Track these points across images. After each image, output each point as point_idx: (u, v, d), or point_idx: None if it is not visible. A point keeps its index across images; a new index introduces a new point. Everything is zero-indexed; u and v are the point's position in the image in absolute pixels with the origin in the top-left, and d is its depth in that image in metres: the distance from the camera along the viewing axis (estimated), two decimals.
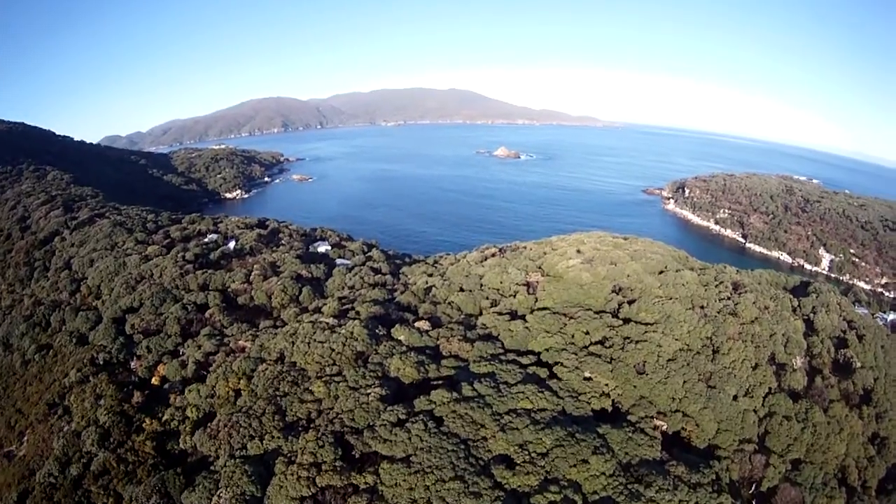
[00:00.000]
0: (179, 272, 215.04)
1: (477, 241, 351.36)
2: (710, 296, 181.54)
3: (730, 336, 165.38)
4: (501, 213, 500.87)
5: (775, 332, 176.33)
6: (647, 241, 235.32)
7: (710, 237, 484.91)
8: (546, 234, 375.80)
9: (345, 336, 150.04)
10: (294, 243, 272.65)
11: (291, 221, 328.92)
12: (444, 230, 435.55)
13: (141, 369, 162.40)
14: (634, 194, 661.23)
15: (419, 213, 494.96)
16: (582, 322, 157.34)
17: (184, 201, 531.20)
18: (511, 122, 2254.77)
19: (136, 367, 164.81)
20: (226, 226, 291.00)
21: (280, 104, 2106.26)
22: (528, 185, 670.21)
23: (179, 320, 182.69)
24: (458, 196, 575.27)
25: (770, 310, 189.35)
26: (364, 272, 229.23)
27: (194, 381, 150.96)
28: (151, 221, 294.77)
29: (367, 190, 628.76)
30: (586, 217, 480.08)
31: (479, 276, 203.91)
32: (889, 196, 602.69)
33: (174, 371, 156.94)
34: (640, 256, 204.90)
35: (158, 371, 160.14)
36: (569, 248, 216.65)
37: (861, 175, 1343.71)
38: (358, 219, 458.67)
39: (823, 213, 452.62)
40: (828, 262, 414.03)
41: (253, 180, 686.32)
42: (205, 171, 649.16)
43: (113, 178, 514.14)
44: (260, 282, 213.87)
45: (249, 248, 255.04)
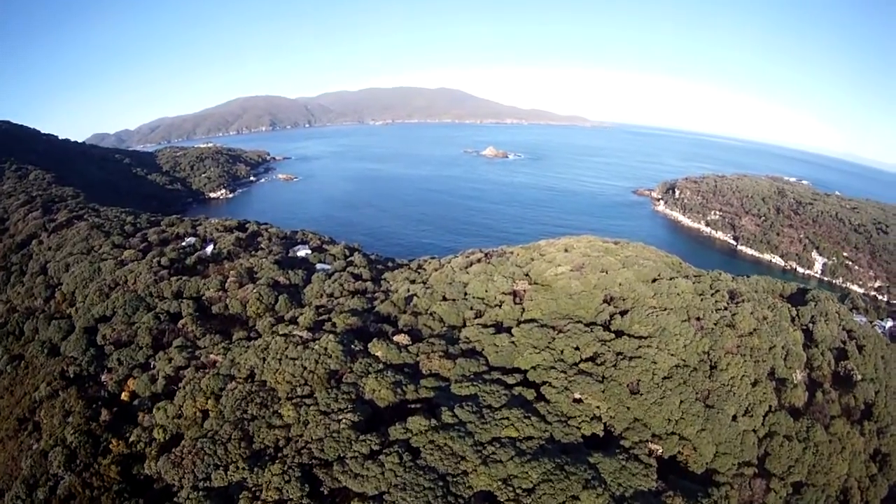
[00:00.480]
0: (154, 279, 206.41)
1: (463, 245, 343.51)
2: (707, 306, 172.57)
3: (728, 350, 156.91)
4: (488, 214, 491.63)
5: (774, 345, 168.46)
6: (638, 246, 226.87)
7: (700, 239, 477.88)
8: (534, 238, 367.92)
9: (318, 352, 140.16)
10: (273, 247, 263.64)
11: (272, 224, 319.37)
12: (429, 233, 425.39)
13: (111, 383, 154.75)
14: (624, 195, 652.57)
15: (404, 214, 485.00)
16: (571, 336, 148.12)
17: (168, 201, 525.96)
18: (499, 122, 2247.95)
19: (106, 380, 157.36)
20: (204, 228, 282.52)
21: (268, 102, 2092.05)
22: (515, 185, 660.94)
23: (151, 331, 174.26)
24: (445, 197, 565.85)
25: (768, 320, 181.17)
26: (344, 278, 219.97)
27: (164, 396, 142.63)
28: (130, 224, 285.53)
29: (352, 190, 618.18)
30: (575, 219, 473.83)
31: (464, 283, 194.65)
32: (881, 198, 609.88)
33: (144, 386, 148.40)
34: (632, 263, 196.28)
35: (128, 386, 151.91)
36: (557, 254, 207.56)
37: (852, 177, 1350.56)
38: (342, 220, 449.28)
39: (816, 215, 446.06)
40: (821, 266, 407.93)
41: (238, 180, 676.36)
42: (189, 171, 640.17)
43: (97, 177, 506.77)
44: (235, 289, 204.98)
45: (227, 253, 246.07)
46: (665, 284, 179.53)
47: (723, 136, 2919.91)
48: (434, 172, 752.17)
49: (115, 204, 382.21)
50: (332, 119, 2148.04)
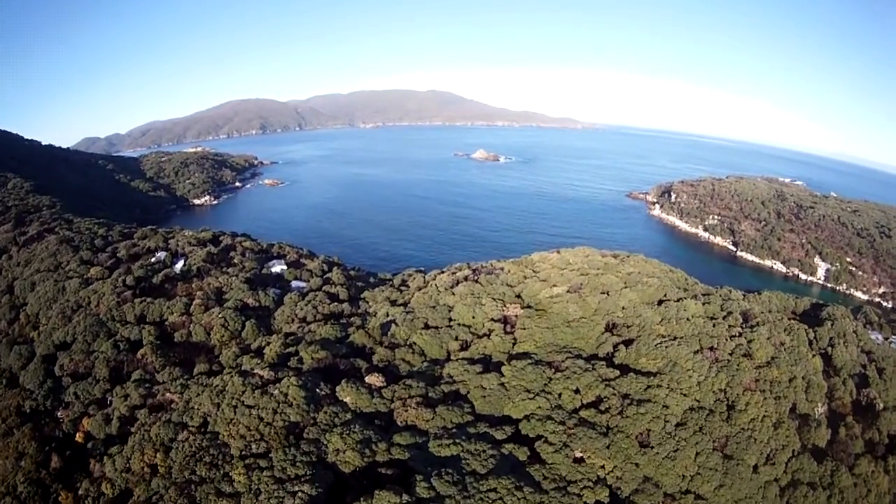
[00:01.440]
0: (116, 300, 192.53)
1: (450, 257, 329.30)
2: (720, 333, 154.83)
3: (746, 386, 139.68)
4: (478, 223, 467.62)
5: (795, 376, 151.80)
6: (639, 259, 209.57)
7: (698, 245, 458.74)
8: (526, 248, 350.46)
9: (277, 400, 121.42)
10: (246, 263, 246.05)
11: (250, 235, 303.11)
12: (415, 243, 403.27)
13: (67, 421, 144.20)
14: (617, 199, 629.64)
15: (390, 223, 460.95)
16: (571, 377, 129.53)
17: (150, 208, 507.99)
18: (490, 124, 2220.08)
19: (62, 417, 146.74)
20: (177, 242, 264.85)
21: (259, 106, 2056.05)
22: (506, 191, 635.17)
23: (109, 362, 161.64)
24: (433, 204, 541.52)
25: (786, 346, 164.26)
26: (319, 299, 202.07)
27: (118, 439, 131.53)
28: (101, 237, 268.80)
29: (337, 196, 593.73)
30: (569, 226, 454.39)
31: (449, 307, 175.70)
32: (877, 198, 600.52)
33: (98, 427, 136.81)
34: (634, 282, 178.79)
35: (83, 425, 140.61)
36: (552, 272, 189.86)
37: (847, 177, 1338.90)
38: (324, 230, 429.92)
39: (818, 219, 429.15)
40: (823, 272, 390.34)
41: (223, 185, 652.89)
42: (174, 176, 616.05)
43: (79, 184, 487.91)
44: (200, 313, 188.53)
45: (196, 270, 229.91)
46: (673, 307, 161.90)
47: (714, 136, 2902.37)
48: (422, 177, 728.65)
49: (96, 212, 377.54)
50: (322, 122, 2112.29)
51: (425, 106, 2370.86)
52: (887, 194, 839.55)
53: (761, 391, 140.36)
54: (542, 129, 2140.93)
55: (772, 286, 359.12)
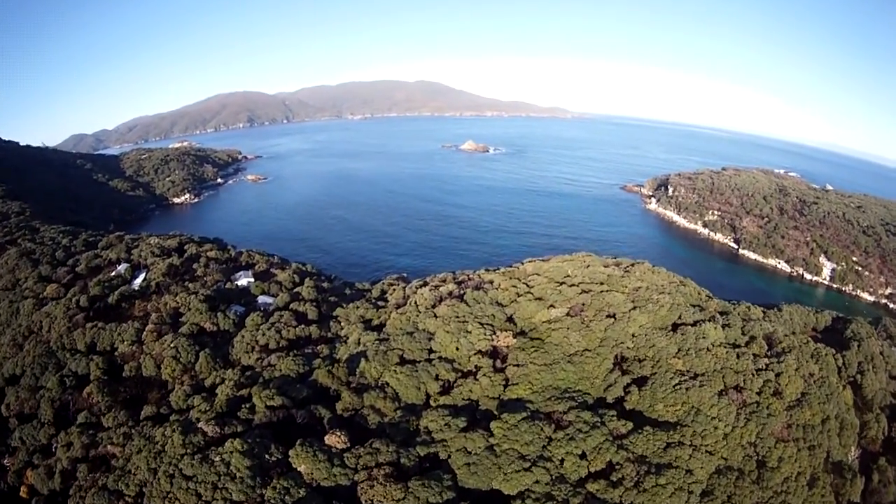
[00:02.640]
0: (68, 326, 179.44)
1: (435, 262, 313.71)
2: (746, 367, 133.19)
3: (778, 435, 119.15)
4: (465, 223, 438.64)
5: (828, 416, 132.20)
6: (646, 269, 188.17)
7: (698, 242, 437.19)
8: (517, 251, 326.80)
9: (219, 471, 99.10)
10: (210, 276, 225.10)
11: (221, 240, 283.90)
12: (398, 247, 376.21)
13: (12, 471, 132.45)
14: (611, 192, 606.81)
15: (372, 225, 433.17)
16: (575, 436, 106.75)
17: (129, 208, 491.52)
18: (479, 114, 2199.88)
19: (9, 465, 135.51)
20: (140, 251, 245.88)
21: (246, 98, 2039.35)
22: (495, 186, 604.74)
23: (54, 402, 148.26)
24: (418, 202, 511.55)
25: (816, 378, 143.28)
26: (284, 321, 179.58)
27: (60, 497, 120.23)
28: (64, 248, 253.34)
29: (319, 193, 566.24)
30: (562, 224, 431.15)
31: (429, 334, 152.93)
32: (874, 191, 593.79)
33: (41, 481, 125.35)
34: (644, 300, 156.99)
35: (27, 477, 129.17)
36: (548, 287, 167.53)
37: (840, 168, 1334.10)
38: (302, 232, 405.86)
39: (822, 216, 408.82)
40: (829, 271, 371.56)
41: (204, 182, 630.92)
42: (153, 174, 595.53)
43: (55, 185, 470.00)
44: (152, 341, 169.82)
45: (156, 286, 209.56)
46: (690, 334, 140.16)
47: (706, 126, 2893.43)
48: (409, 171, 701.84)
49: (70, 216, 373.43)
50: (310, 114, 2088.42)
51: (414, 97, 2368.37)
52: (883, 187, 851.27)
53: (794, 440, 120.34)
54: (532, 118, 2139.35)
55: (776, 287, 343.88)
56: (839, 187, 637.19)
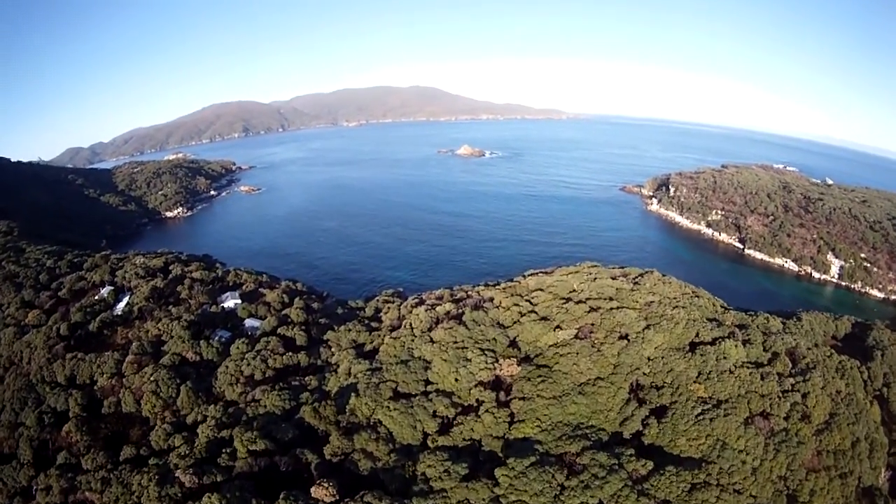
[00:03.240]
0: (48, 357, 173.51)
1: (431, 277, 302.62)
2: (771, 389, 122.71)
3: (808, 465, 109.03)
4: (462, 232, 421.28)
5: (858, 438, 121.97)
6: (656, 279, 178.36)
7: (702, 242, 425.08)
8: (517, 261, 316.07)
9: None
10: (195, 298, 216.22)
11: (210, 257, 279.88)
12: (393, 259, 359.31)
13: None
14: (610, 193, 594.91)
15: (366, 235, 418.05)
16: (591, 483, 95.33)
17: (121, 224, 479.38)
18: (475, 118, 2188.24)
19: None
20: (124, 273, 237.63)
21: (241, 108, 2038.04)
22: (492, 192, 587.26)
23: (32, 441, 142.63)
24: (413, 212, 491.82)
25: (843, 395, 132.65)
26: (271, 348, 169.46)
27: None
28: (48, 270, 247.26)
29: (313, 203, 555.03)
30: (563, 230, 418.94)
31: (425, 363, 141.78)
32: (873, 183, 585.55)
33: None
34: (657, 316, 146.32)
35: None
36: (553, 304, 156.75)
37: (837, 161, 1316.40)
38: (294, 246, 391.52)
39: (828, 212, 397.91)
40: (837, 269, 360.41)
41: (197, 195, 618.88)
42: (146, 188, 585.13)
43: (46, 202, 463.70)
44: (132, 373, 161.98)
45: (138, 311, 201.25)
46: (710, 354, 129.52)
47: (700, 123, 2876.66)
48: (404, 178, 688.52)
49: (60, 234, 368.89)
50: (305, 122, 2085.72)
51: (408, 102, 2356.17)
52: (882, 179, 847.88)
53: (825, 469, 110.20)
54: (528, 120, 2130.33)
55: (785, 288, 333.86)
56: (839, 181, 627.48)
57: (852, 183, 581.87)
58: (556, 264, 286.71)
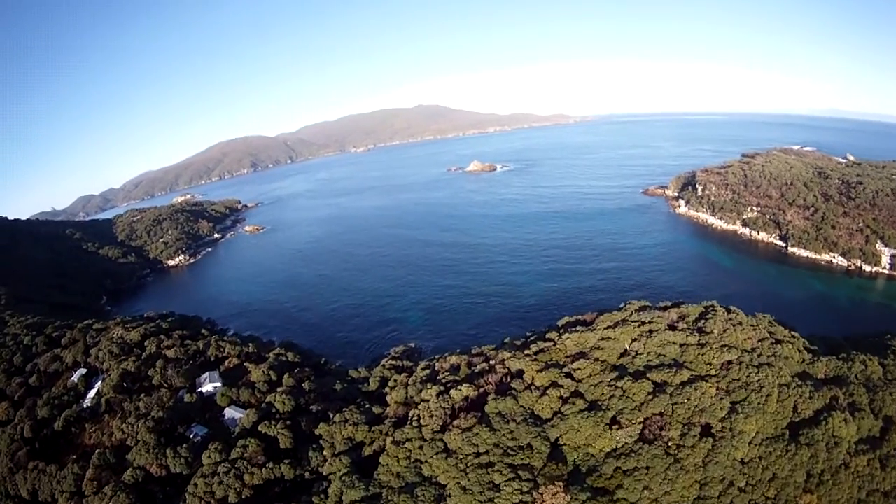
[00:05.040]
0: (10, 466, 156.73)
1: (444, 326, 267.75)
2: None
3: None
4: (477, 266, 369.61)
5: None
6: (721, 319, 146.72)
7: (740, 244, 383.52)
8: (543, 299, 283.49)
9: None
10: (170, 382, 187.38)
11: (193, 326, 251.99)
12: (398, 310, 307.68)
13: None
14: (632, 198, 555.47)
15: (369, 279, 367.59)
16: None
17: (121, 277, 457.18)
18: (482, 132, 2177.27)
19: None
20: (99, 350, 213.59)
21: (248, 143, 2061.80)
22: (507, 212, 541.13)
23: None
24: (423, 248, 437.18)
25: None
26: (249, 456, 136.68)
27: None
28: (24, 349, 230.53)
29: (317, 241, 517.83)
30: (590, 250, 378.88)
31: (439, 489, 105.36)
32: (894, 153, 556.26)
33: None
34: (741, 387, 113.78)
35: None
36: (602, 380, 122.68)
37: (851, 134, 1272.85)
38: (292, 298, 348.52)
39: (871, 196, 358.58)
40: (889, 258, 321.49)
41: (200, 239, 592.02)
42: (146, 237, 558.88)
43: (43, 260, 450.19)
44: (92, 492, 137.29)
45: (106, 404, 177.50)
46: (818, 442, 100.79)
47: (705, 113, 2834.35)
48: (412, 205, 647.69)
49: (55, 295, 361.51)
50: (313, 152, 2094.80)
51: (414, 122, 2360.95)
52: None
53: None
54: (535, 128, 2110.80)
55: (837, 288, 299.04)
56: (859, 155, 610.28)
57: (871, 156, 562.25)
58: (592, 303, 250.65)
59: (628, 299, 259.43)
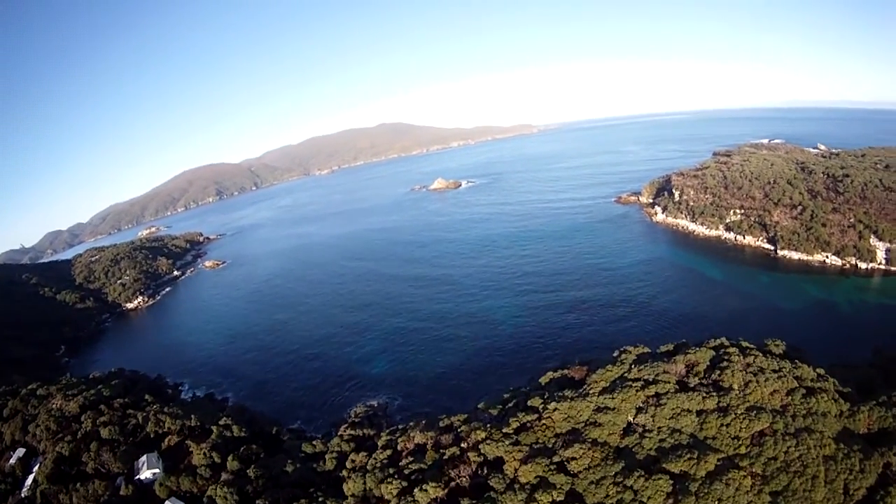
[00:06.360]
0: None
1: (410, 375, 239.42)
2: None
3: None
4: (445, 299, 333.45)
5: None
6: (739, 368, 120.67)
7: (725, 251, 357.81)
8: (521, 340, 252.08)
9: None
10: (105, 466, 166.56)
11: (135, 390, 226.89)
12: (359, 354, 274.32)
13: None
14: (607, 209, 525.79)
15: (326, 327, 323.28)
16: None
17: (80, 323, 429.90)
18: (445, 147, 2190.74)
19: None
20: (36, 426, 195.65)
21: (213, 171, 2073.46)
22: (475, 234, 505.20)
23: None
24: (385, 282, 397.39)
25: None
26: None
27: None
28: None
29: (275, 277, 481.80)
30: (566, 272, 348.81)
31: None
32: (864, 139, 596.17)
33: None
34: (780, 470, 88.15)
35: None
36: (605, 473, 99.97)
37: (817, 123, 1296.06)
38: (245, 344, 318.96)
39: (861, 189, 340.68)
40: (884, 253, 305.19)
41: (159, 279, 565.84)
42: (104, 278, 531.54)
43: None
44: None
45: (42, 496, 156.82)
46: None
47: (668, 112, 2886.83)
48: (374, 231, 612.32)
49: (14, 345, 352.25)
50: (277, 176, 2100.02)
51: (378, 141, 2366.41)
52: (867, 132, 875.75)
53: None
54: (500, 140, 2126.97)
55: (835, 291, 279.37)
56: (831, 145, 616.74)
57: (842, 144, 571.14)
58: (576, 342, 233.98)
59: (617, 333, 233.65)
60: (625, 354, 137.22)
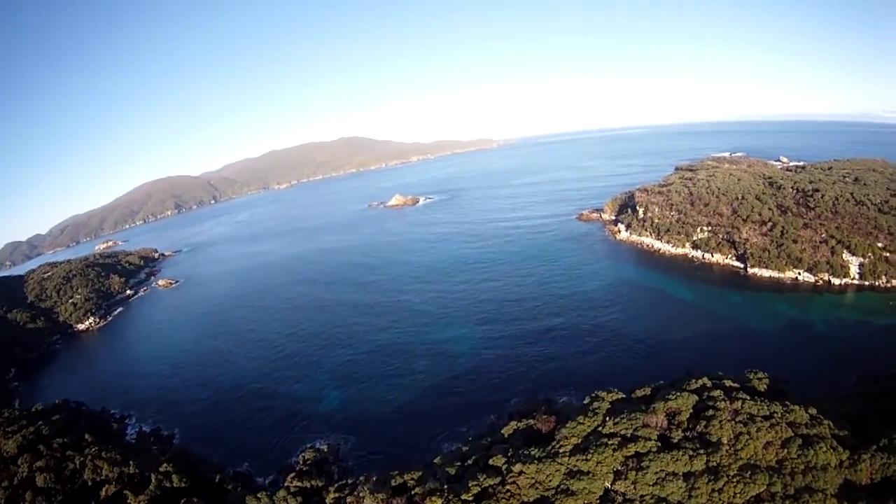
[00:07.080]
0: None
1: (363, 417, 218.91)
2: None
3: None
4: (398, 335, 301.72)
5: None
6: (726, 417, 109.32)
7: (693, 270, 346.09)
8: (481, 382, 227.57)
9: None
10: None
11: (74, 427, 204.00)
12: (309, 388, 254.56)
13: None
14: (569, 227, 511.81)
15: (276, 357, 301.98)
16: None
17: (30, 345, 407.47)
18: (405, 162, 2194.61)
19: None
20: None
21: (172, 184, 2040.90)
22: (432, 256, 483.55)
23: None
24: (339, 309, 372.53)
25: None
26: None
27: None
28: None
29: (225, 302, 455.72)
30: (533, 300, 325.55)
31: None
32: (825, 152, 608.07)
33: None
34: None
35: None
36: None
37: (777, 136, 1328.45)
38: (194, 380, 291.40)
39: (832, 204, 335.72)
40: (857, 268, 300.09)
41: (111, 298, 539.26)
42: (56, 297, 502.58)
43: None
44: None
45: None
46: None
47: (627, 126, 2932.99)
48: (329, 251, 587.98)
49: None
50: (237, 190, 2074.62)
51: (337, 155, 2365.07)
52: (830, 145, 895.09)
53: None
54: (459, 155, 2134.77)
55: (810, 310, 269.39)
56: (792, 157, 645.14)
57: (803, 156, 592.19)
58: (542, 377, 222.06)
59: (586, 366, 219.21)
60: (597, 402, 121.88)
